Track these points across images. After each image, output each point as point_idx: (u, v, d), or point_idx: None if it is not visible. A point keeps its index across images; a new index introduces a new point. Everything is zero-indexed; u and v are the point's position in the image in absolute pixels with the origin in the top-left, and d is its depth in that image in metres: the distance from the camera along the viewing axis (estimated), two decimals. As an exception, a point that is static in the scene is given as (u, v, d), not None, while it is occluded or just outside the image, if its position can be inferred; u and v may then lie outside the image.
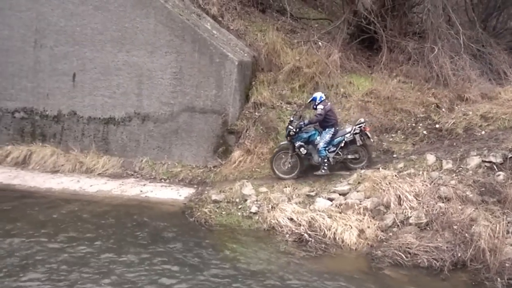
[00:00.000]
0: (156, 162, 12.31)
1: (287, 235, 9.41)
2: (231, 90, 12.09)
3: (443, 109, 12.04)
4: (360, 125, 10.87)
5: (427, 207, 9.27)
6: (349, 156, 10.98)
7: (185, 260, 8.48)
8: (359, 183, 10.23)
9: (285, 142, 11.27)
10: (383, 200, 9.66)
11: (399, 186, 9.71)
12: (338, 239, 9.10)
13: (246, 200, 10.53)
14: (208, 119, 12.18)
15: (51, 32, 12.78)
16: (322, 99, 10.92)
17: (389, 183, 9.85)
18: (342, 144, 10.86)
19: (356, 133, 10.82)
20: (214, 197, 10.70)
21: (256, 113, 12.30)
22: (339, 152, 10.90)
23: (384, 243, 8.92)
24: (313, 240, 9.12)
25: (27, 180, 11.85)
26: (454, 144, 11.08)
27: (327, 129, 10.84)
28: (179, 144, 12.22)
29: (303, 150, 10.94)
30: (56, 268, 7.99)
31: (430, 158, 10.52)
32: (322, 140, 10.78)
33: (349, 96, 12.55)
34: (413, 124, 11.90)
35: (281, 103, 12.48)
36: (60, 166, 12.33)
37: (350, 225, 9.26)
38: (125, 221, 10.03)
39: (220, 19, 13.50)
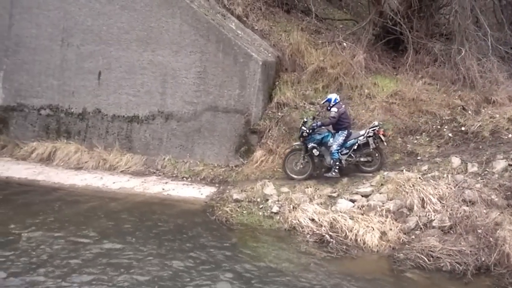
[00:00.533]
0: (178, 160, 12.36)
1: (308, 236, 9.36)
2: (254, 90, 12.08)
3: (469, 112, 11.83)
4: (374, 128, 10.81)
5: (451, 210, 9.12)
6: (362, 159, 10.92)
7: (206, 257, 8.49)
8: (382, 185, 10.12)
9: (298, 143, 11.29)
10: (406, 203, 9.53)
11: (423, 189, 9.59)
12: (360, 240, 9.01)
13: (267, 200, 10.50)
14: (231, 118, 12.19)
15: (78, 31, 12.96)
16: (337, 101, 10.91)
17: (413, 185, 9.73)
18: (355, 147, 10.80)
19: (369, 136, 10.76)
20: (235, 196, 10.70)
21: (279, 113, 12.27)
22: (352, 155, 10.84)
23: (407, 245, 8.79)
24: (334, 241, 9.05)
25: (51, 176, 12.03)
26: (480, 147, 10.88)
27: (340, 132, 10.82)
28: (202, 143, 12.26)
29: (315, 152, 10.94)
30: (79, 264, 8.07)
31: (455, 161, 10.36)
32: (335, 142, 10.76)
33: (373, 97, 12.42)
34: (438, 127, 11.71)
35: (304, 104, 12.43)
36: (84, 163, 12.48)
37: (372, 227, 9.16)
38: (147, 218, 10.10)
39: (244, 19, 13.53)
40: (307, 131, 10.92)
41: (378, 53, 13.83)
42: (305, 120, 11.21)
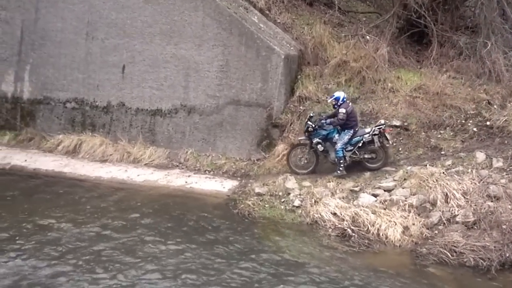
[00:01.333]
0: (200, 154, 12.45)
1: (330, 230, 9.40)
2: (276, 83, 12.09)
3: (495, 106, 11.68)
4: (380, 127, 10.86)
5: (475, 205, 9.07)
6: (366, 156, 10.95)
7: (229, 249, 8.60)
8: (405, 179, 10.09)
9: (303, 137, 11.30)
10: (429, 198, 9.51)
11: (447, 184, 9.55)
12: (382, 235, 9.02)
13: (289, 193, 10.56)
14: (253, 112, 12.23)
15: (102, 24, 13.10)
16: (345, 99, 10.93)
17: (436, 180, 9.70)
18: (360, 144, 10.85)
19: (375, 134, 10.78)
20: (257, 190, 10.77)
21: (301, 107, 12.26)
22: (356, 152, 10.88)
23: (429, 240, 8.80)
24: (356, 236, 9.08)
25: (77, 168, 12.21)
26: (506, 142, 10.76)
27: (346, 131, 10.85)
28: (224, 137, 12.32)
29: (320, 147, 11.01)
30: (103, 254, 8.24)
31: (480, 156, 10.26)
32: (340, 140, 10.79)
33: (396, 91, 12.32)
34: (463, 121, 11.59)
35: (326, 97, 12.35)
36: (109, 156, 12.61)
37: (394, 222, 9.17)
38: (170, 210, 10.24)
39: (267, 12, 13.51)
40: (313, 126, 10.98)
41: (401, 46, 13.71)
42: (311, 115, 11.27)
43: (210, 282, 7.50)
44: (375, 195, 9.95)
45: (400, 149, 11.46)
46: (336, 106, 10.93)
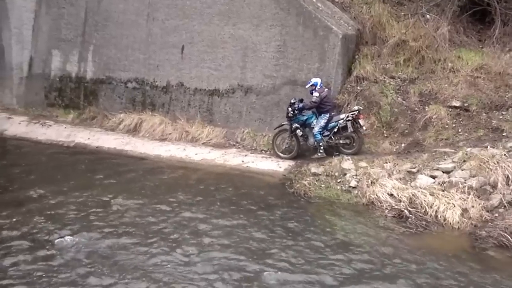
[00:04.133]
0: (257, 133, 12.59)
1: (387, 211, 9.38)
2: (334, 63, 12.05)
3: (560, 87, 11.24)
4: (354, 113, 11.15)
5: (538, 188, 8.82)
6: (341, 141, 11.30)
7: (285, 228, 8.75)
8: (464, 161, 9.88)
9: (286, 122, 11.63)
10: (489, 180, 9.31)
11: (508, 166, 9.30)
12: (440, 217, 8.93)
13: (345, 174, 10.57)
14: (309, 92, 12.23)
15: (163, 5, 13.33)
16: (321, 85, 11.29)
17: (497, 162, 9.46)
18: (335, 130, 11.22)
19: (348, 120, 11.10)
20: (313, 170, 10.84)
21: (358, 87, 12.19)
22: (332, 137, 11.26)
23: (489, 223, 8.63)
24: (413, 217, 9.02)
25: (137, 147, 12.62)
26: None
27: (322, 115, 11.26)
28: (280, 117, 12.36)
29: (299, 132, 11.47)
30: (162, 230, 8.56)
31: (544, 138, 9.94)
32: (317, 125, 11.22)
33: (457, 71, 12.04)
34: (526, 102, 11.24)
35: (384, 78, 12.26)
36: (168, 135, 12.92)
37: (453, 204, 9.04)
38: (228, 189, 10.48)
39: (325, -9, 13.41)
40: (293, 111, 11.35)
41: (463, 25, 13.34)
42: (293, 101, 11.52)
43: (267, 260, 7.67)
44: (433, 177, 9.82)
45: (459, 130, 11.25)
46: (312, 92, 11.32)
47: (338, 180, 10.47)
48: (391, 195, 9.57)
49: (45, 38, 14.44)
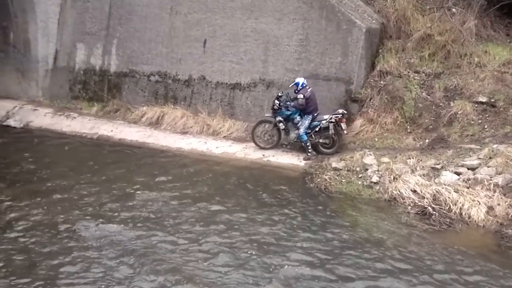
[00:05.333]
0: (278, 128, 12.52)
1: (409, 207, 9.26)
2: (357, 57, 11.91)
3: None
4: (337, 116, 11.33)
5: None
6: (321, 140, 11.48)
7: (305, 222, 8.72)
8: (490, 158, 9.72)
9: (269, 114, 11.90)
10: (516, 177, 9.11)
11: (536, 164, 9.10)
12: (465, 214, 8.79)
13: (367, 169, 10.47)
14: (331, 86, 12.13)
15: (186, -1, 13.38)
16: (304, 85, 11.41)
17: (525, 159, 9.25)
18: (317, 129, 11.42)
19: (331, 122, 11.32)
20: (334, 164, 10.75)
21: (382, 82, 12.02)
22: (313, 135, 11.43)
23: (516, 221, 8.45)
24: (437, 214, 8.89)
25: (159, 139, 12.68)
26: None
27: (306, 116, 11.46)
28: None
29: (281, 125, 11.68)
30: (184, 222, 8.61)
31: None
32: (302, 126, 11.43)
33: (483, 66, 11.80)
34: (556, 98, 10.95)
35: (408, 72, 12.07)
36: (189, 128, 12.96)
37: (478, 201, 8.89)
38: (248, 182, 10.48)
39: (348, -15, 13.25)
40: (279, 104, 11.56)
41: (490, 19, 13.06)
42: (280, 94, 11.72)
43: (286, 254, 7.64)
44: (458, 173, 9.66)
45: (485, 126, 11.02)
46: (296, 92, 11.46)
47: (360, 175, 10.37)
48: (414, 191, 9.45)
49: (70, 31, 14.59)
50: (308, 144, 11.34)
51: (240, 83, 13.00)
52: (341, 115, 11.37)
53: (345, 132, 11.44)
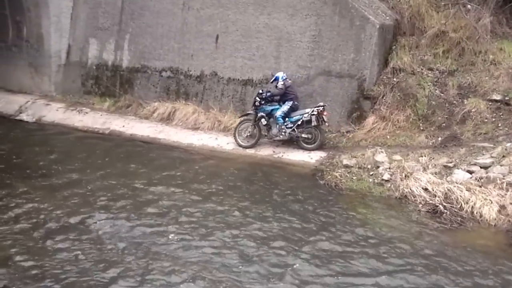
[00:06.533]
0: (290, 124, 12.46)
1: (420, 205, 9.17)
2: (370, 54, 11.81)
3: None
4: (319, 108, 11.33)
5: None
6: (303, 135, 11.48)
7: (316, 220, 8.66)
8: (503, 156, 9.59)
9: (251, 111, 11.93)
10: (530, 177, 8.97)
11: (550, 163, 8.95)
12: (476, 213, 8.69)
13: (378, 167, 10.37)
14: (344, 83, 12.04)
15: (198, -6, 13.35)
16: (284, 78, 11.71)
17: (539, 158, 9.11)
18: (299, 123, 11.44)
19: (313, 114, 11.30)
20: (345, 162, 10.67)
21: (395, 79, 11.90)
22: (295, 129, 11.46)
23: (528, 221, 8.33)
24: (448, 212, 8.79)
25: (171, 135, 12.68)
26: None
27: (286, 102, 11.67)
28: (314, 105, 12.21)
29: (263, 121, 11.75)
30: (195, 218, 8.60)
31: None
32: (281, 109, 11.60)
33: (498, 63, 11.64)
34: None
35: (422, 69, 11.94)
36: (200, 124, 12.92)
37: (490, 200, 8.79)
38: (258, 179, 10.45)
39: (362, -19, 13.14)
40: (260, 101, 11.67)
41: (506, 16, 12.89)
42: (261, 91, 11.86)
43: (297, 252, 7.60)
44: (470, 172, 9.55)
45: (499, 124, 10.88)
46: (276, 84, 11.71)
47: (371, 173, 10.28)
48: (426, 189, 9.36)
49: (82, 26, 14.67)
50: (283, 127, 11.47)
51: (252, 79, 12.96)
52: (322, 107, 11.39)
53: (326, 124, 11.53)
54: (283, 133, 11.49)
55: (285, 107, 11.60)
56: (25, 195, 9.11)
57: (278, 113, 11.52)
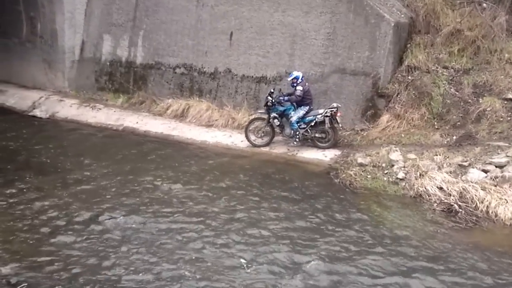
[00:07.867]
0: (304, 122, 12.46)
1: (435, 204, 9.15)
2: (384, 52, 11.77)
3: None
4: (332, 110, 11.31)
5: None
6: (317, 135, 11.52)
7: (330, 218, 8.67)
8: (519, 155, 9.54)
9: (263, 111, 11.91)
10: (546, 176, 8.93)
11: None
12: (491, 213, 8.67)
13: (393, 165, 10.35)
14: (358, 81, 12.02)
15: (212, -9, 13.36)
16: (303, 79, 11.57)
17: (555, 158, 9.07)
18: (313, 124, 11.46)
19: (326, 116, 11.31)
20: (359, 160, 10.66)
21: (409, 77, 11.87)
22: (308, 130, 11.48)
23: (544, 221, 8.30)
24: (463, 212, 8.77)
25: (184, 132, 12.72)
26: None
27: (302, 107, 11.55)
28: (328, 106, 12.20)
29: (276, 122, 11.71)
30: (209, 215, 8.65)
31: None
32: (296, 114, 11.50)
33: (514, 62, 11.59)
34: None
35: (437, 68, 11.90)
36: (214, 121, 12.95)
37: (505, 199, 8.77)
38: (272, 176, 10.47)
39: (377, -22, 13.09)
40: (272, 101, 11.60)
41: (522, 14, 12.79)
42: (272, 91, 11.78)
43: (312, 250, 7.62)
44: (485, 171, 9.51)
45: (515, 124, 10.83)
46: (294, 85, 11.50)
47: (385, 171, 10.27)
48: (441, 188, 9.34)
49: (96, 22, 14.73)
50: (297, 132, 11.43)
51: (266, 76, 12.96)
52: (336, 108, 11.35)
53: (340, 125, 11.48)
54: (297, 139, 11.48)
55: (301, 112, 11.51)
56: (38, 191, 9.23)
57: (294, 119, 11.44)
